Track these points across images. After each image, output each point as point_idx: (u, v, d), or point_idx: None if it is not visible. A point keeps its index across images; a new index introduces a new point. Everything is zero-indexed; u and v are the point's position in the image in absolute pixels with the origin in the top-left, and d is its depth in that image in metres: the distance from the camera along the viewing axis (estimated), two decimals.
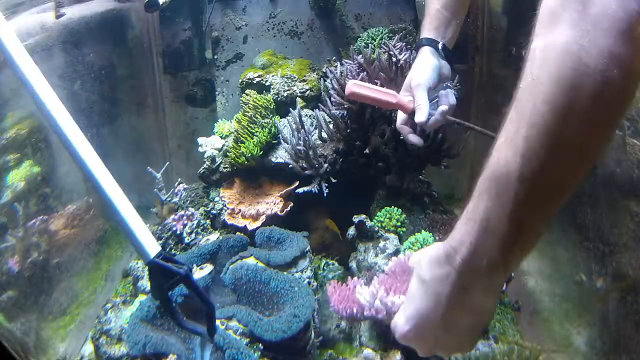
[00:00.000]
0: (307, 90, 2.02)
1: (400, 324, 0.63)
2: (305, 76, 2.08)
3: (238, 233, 1.68)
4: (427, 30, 1.23)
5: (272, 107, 1.95)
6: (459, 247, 0.53)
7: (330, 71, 1.73)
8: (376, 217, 1.60)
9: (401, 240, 1.51)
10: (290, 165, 1.71)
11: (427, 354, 0.67)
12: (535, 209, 0.48)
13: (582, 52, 0.42)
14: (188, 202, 1.95)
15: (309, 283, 1.44)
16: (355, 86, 1.12)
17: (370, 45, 1.96)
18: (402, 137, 1.52)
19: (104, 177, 0.97)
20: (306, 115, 1.91)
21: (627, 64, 0.42)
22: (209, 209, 1.87)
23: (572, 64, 0.43)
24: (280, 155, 1.83)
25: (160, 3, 2.00)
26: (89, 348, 1.48)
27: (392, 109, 1.13)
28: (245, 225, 1.74)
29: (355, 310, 1.25)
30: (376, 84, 1.59)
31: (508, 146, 0.48)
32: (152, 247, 0.97)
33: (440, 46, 1.19)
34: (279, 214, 1.74)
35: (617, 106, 0.45)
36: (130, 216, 0.96)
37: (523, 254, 0.53)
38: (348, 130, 1.68)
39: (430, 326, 0.60)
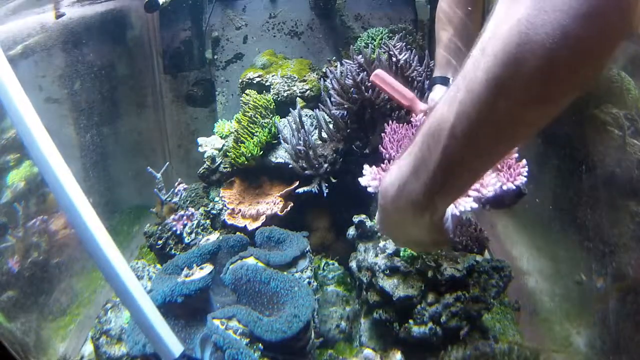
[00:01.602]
0: (307, 90, 2.02)
1: (375, 221, 0.78)
2: (305, 76, 2.08)
3: (238, 233, 1.68)
4: (440, 66, 1.25)
5: (272, 107, 1.95)
6: (390, 188, 0.60)
7: (330, 71, 1.73)
8: None
9: None
10: (290, 165, 1.71)
11: (400, 246, 0.89)
12: (460, 165, 0.52)
13: (532, 29, 0.42)
14: (188, 202, 1.95)
15: (309, 283, 1.44)
16: (381, 72, 1.19)
17: (370, 45, 1.96)
18: None
19: (127, 276, 0.90)
20: (306, 115, 1.91)
21: (581, 46, 0.42)
22: (209, 209, 1.87)
23: (518, 39, 0.43)
24: (280, 155, 1.83)
25: (160, 3, 2.00)
26: (89, 348, 1.48)
27: (403, 106, 1.19)
28: (245, 225, 1.74)
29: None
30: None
31: (445, 105, 0.50)
32: (176, 347, 0.94)
33: (451, 81, 1.22)
34: (279, 214, 1.74)
35: (563, 86, 0.45)
36: (152, 313, 0.92)
37: (447, 199, 0.59)
38: (348, 130, 1.68)
39: (387, 232, 0.74)
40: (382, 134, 1.46)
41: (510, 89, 0.45)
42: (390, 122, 1.49)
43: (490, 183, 1.18)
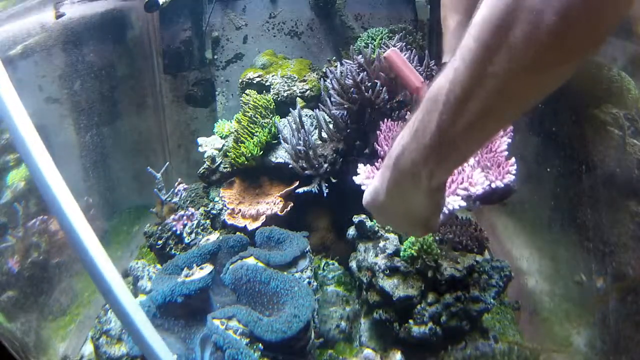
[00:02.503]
0: (307, 90, 2.02)
1: (365, 194, 0.75)
2: (305, 76, 2.08)
3: (238, 233, 1.68)
4: (448, 53, 1.21)
5: (272, 107, 1.95)
6: (395, 148, 0.63)
7: (330, 71, 1.73)
8: None
9: (401, 240, 1.51)
10: (290, 165, 1.71)
11: (382, 224, 0.89)
12: (453, 133, 0.54)
13: None
14: (188, 202, 1.95)
15: (309, 283, 1.43)
16: (394, 53, 1.20)
17: (370, 45, 1.96)
18: None
19: (119, 287, 0.89)
20: (306, 115, 1.91)
21: (571, 12, 0.41)
22: (209, 209, 1.87)
23: (505, 5, 0.44)
24: (280, 155, 1.83)
25: (160, 3, 2.00)
26: (89, 348, 1.48)
27: (412, 88, 1.20)
28: (245, 225, 1.74)
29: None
30: (376, 84, 1.60)
31: (444, 74, 0.53)
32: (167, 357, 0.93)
33: None
34: (279, 214, 1.74)
35: (551, 55, 0.45)
36: (144, 325, 0.91)
37: (443, 167, 0.60)
38: (348, 130, 1.68)
39: (378, 204, 0.72)
40: (378, 132, 1.48)
41: (498, 56, 0.46)
42: (385, 120, 1.50)
43: (479, 182, 1.19)
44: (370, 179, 1.30)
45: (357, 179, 1.31)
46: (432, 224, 0.72)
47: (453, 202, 1.17)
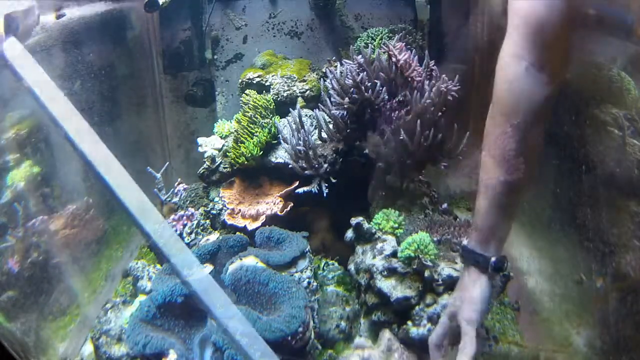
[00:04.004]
0: (307, 90, 2.02)
1: None
2: (305, 76, 2.08)
3: (238, 233, 1.68)
4: (477, 235, 1.03)
5: (272, 107, 1.95)
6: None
7: (330, 71, 1.73)
8: (374, 219, 1.60)
9: (399, 242, 1.51)
10: (290, 165, 1.71)
11: None
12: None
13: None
14: (188, 202, 1.95)
15: (308, 283, 1.43)
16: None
17: (370, 45, 1.96)
18: (401, 138, 1.53)
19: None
20: (306, 115, 1.91)
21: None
22: (208, 209, 1.87)
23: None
24: (280, 155, 1.83)
25: (160, 3, 2.00)
26: (88, 348, 1.48)
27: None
28: (245, 225, 1.74)
29: None
30: (375, 84, 1.60)
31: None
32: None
33: (491, 264, 1.03)
34: (279, 214, 1.74)
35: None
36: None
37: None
38: (348, 130, 1.68)
39: None
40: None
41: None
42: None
43: None
44: None
45: None
46: None
47: None
